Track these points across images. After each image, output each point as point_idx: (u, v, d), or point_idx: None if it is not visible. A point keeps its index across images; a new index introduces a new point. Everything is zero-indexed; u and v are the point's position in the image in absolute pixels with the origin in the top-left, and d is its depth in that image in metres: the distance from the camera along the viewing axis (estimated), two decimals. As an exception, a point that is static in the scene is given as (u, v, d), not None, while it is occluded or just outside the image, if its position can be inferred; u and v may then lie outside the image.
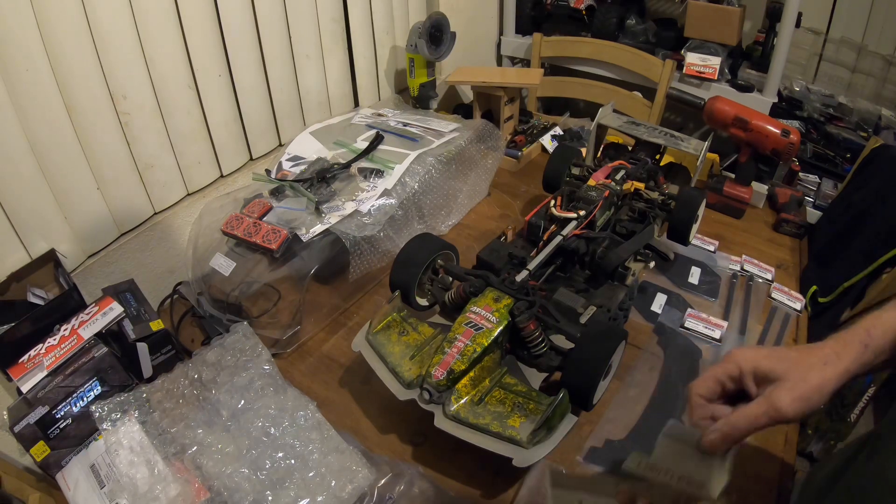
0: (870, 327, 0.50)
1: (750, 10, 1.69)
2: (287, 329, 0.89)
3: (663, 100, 1.65)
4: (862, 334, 0.50)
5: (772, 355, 0.51)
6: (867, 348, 0.49)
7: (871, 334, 0.50)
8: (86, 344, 0.75)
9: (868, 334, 0.50)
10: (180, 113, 0.99)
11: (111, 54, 0.86)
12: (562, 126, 1.54)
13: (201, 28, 0.98)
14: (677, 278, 1.04)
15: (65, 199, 0.86)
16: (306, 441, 0.69)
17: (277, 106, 1.19)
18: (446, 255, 0.89)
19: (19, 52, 0.75)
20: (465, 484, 0.72)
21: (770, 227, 1.23)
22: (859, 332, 0.50)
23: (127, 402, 0.71)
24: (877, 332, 0.50)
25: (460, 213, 1.21)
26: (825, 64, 1.82)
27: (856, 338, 0.50)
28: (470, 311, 0.74)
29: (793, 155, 1.18)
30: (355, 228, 0.94)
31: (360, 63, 1.36)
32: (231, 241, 0.93)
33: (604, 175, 1.01)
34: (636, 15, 1.80)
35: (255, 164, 1.18)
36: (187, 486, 0.65)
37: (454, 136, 1.18)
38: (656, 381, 0.85)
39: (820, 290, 1.05)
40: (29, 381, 0.72)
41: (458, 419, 0.68)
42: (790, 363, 0.50)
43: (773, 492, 0.71)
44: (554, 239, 0.88)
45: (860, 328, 0.51)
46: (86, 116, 0.85)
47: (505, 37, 1.94)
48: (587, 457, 0.74)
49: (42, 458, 0.69)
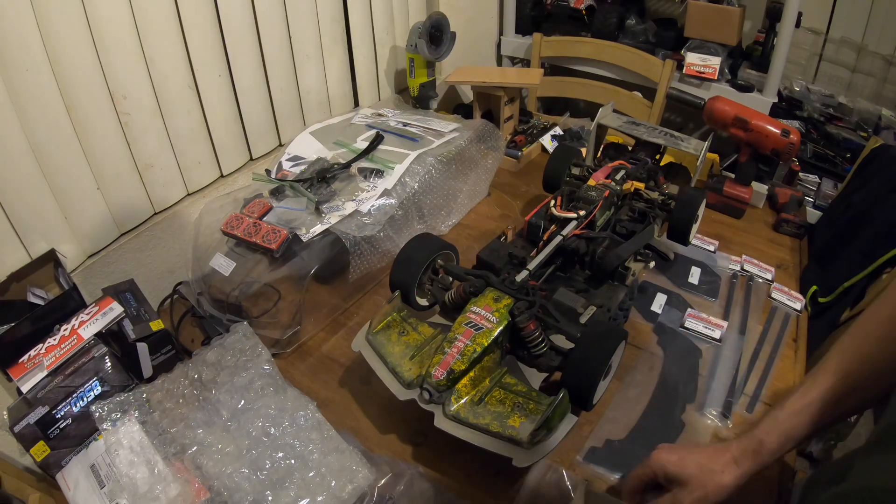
0: (763, 436, 0.58)
1: (750, 10, 1.69)
2: (287, 329, 0.89)
3: (663, 100, 1.65)
4: (755, 444, 0.58)
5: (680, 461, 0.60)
6: (759, 455, 0.58)
7: (765, 443, 0.58)
8: (86, 344, 0.75)
9: (761, 444, 0.58)
10: (180, 113, 0.99)
11: (111, 54, 0.86)
12: (562, 126, 1.54)
13: (201, 28, 0.98)
14: (677, 278, 1.04)
15: (65, 199, 0.86)
16: (306, 441, 0.69)
17: (277, 106, 1.19)
18: (446, 255, 0.89)
19: (19, 52, 0.75)
20: (465, 484, 0.72)
21: (770, 227, 1.23)
22: (753, 441, 0.58)
23: (127, 402, 0.71)
24: (770, 438, 0.58)
25: (460, 213, 1.21)
26: (825, 64, 1.82)
27: (750, 447, 0.58)
28: (470, 311, 0.74)
29: (793, 155, 1.18)
30: (355, 228, 0.94)
31: (360, 63, 1.36)
32: (231, 241, 0.93)
33: (604, 175, 1.01)
34: (636, 15, 1.80)
35: (255, 164, 1.18)
36: (187, 486, 0.65)
37: (454, 136, 1.18)
38: (656, 381, 0.85)
39: (820, 290, 1.05)
40: (29, 381, 0.72)
41: (458, 419, 0.68)
42: (694, 469, 0.59)
43: (773, 492, 0.71)
44: (554, 239, 0.88)
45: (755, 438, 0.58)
46: (86, 116, 0.85)
47: (505, 37, 1.94)
48: (587, 457, 0.74)
49: (42, 458, 0.69)
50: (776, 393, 0.84)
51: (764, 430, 0.58)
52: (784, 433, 0.57)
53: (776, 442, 0.57)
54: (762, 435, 0.58)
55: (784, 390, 0.84)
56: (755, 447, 0.58)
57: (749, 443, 0.59)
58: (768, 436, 0.58)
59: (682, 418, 0.80)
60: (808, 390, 0.58)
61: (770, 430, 0.58)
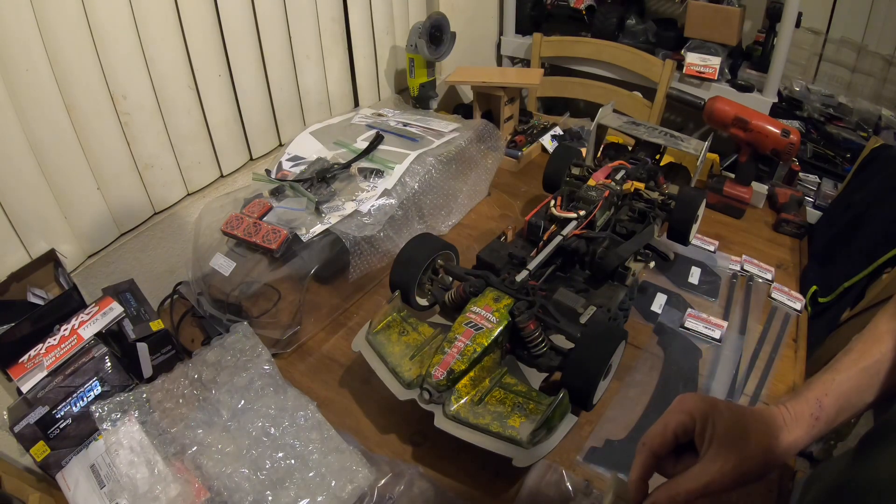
0: (822, 397, 0.49)
1: (750, 10, 1.69)
2: (287, 329, 0.89)
3: (663, 100, 1.65)
4: (814, 407, 0.49)
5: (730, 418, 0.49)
6: (818, 421, 0.49)
7: (823, 405, 0.49)
8: (86, 344, 0.75)
9: (820, 407, 0.49)
10: (180, 113, 0.99)
11: (111, 54, 0.86)
12: (562, 126, 1.54)
13: (201, 28, 0.98)
14: (677, 278, 1.04)
15: (65, 199, 0.86)
16: (306, 441, 0.69)
17: (277, 106, 1.19)
18: (446, 255, 0.89)
19: (19, 52, 0.75)
20: (465, 484, 0.72)
21: (770, 227, 1.22)
22: (811, 404, 0.49)
23: (127, 402, 0.71)
24: (829, 401, 0.49)
25: (460, 213, 1.21)
26: (825, 64, 1.82)
27: (807, 411, 0.49)
28: (470, 311, 0.74)
29: (793, 155, 1.18)
30: (355, 228, 0.94)
31: (360, 63, 1.36)
32: (231, 241, 0.93)
33: (604, 175, 1.01)
34: (636, 15, 1.80)
35: (255, 164, 1.18)
36: (187, 486, 0.65)
37: (454, 136, 1.18)
38: (656, 381, 0.85)
39: (820, 290, 1.05)
40: (29, 381, 0.72)
41: (458, 419, 0.68)
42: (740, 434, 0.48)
43: (773, 492, 0.71)
44: (554, 239, 0.88)
45: (813, 399, 0.49)
46: (86, 116, 0.85)
47: (505, 37, 1.94)
48: (587, 457, 0.74)
49: (42, 458, 0.69)
50: (776, 393, 0.84)
51: (821, 390, 0.49)
52: (842, 396, 0.49)
53: (834, 405, 0.49)
54: (820, 395, 0.49)
55: (784, 391, 0.84)
56: (814, 411, 0.48)
57: (807, 406, 0.49)
58: (826, 397, 0.49)
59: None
60: (862, 354, 0.50)
61: (828, 392, 0.49)
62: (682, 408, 0.50)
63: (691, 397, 0.50)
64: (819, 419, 0.48)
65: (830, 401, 0.49)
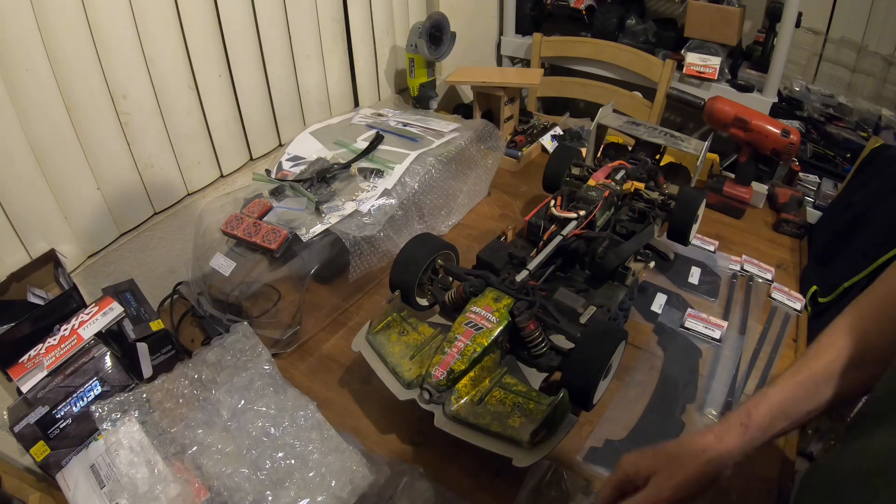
0: (752, 408, 0.54)
1: (750, 10, 1.69)
2: (287, 329, 0.89)
3: (663, 100, 1.65)
4: (742, 416, 0.54)
5: (653, 454, 0.55)
6: (748, 429, 0.53)
7: (752, 415, 0.54)
8: (86, 344, 0.75)
9: (748, 415, 0.54)
10: (180, 113, 0.99)
11: (111, 54, 0.86)
12: (562, 126, 1.54)
13: (201, 28, 0.98)
14: (677, 278, 1.04)
15: (65, 199, 0.86)
16: (306, 441, 0.69)
17: (277, 106, 1.19)
18: (446, 255, 0.89)
19: (19, 51, 0.75)
20: (465, 484, 0.72)
21: (770, 227, 1.23)
22: (741, 414, 0.54)
23: (127, 402, 0.71)
24: (759, 411, 0.54)
25: (460, 213, 1.21)
26: (825, 64, 1.82)
27: (737, 420, 0.54)
28: (470, 311, 0.74)
29: (793, 155, 1.18)
30: (355, 228, 0.94)
31: (360, 63, 1.36)
32: (231, 241, 0.93)
33: (604, 175, 1.01)
34: (636, 15, 1.80)
35: (255, 164, 1.18)
36: (187, 486, 0.65)
37: (454, 136, 1.18)
38: (656, 381, 0.85)
39: (820, 290, 1.04)
40: (29, 381, 0.72)
41: (458, 419, 0.68)
42: (668, 458, 0.54)
43: (773, 492, 0.71)
44: (554, 239, 0.88)
45: (742, 410, 0.55)
46: (86, 116, 0.85)
47: (505, 37, 1.94)
48: (587, 457, 0.74)
49: (42, 458, 0.69)
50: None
51: (753, 402, 0.55)
52: (775, 406, 0.54)
53: (766, 415, 0.54)
54: (750, 406, 0.55)
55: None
56: (742, 419, 0.54)
57: (736, 416, 0.55)
58: (756, 408, 0.54)
59: (682, 418, 0.80)
60: (800, 367, 0.55)
61: (759, 403, 0.54)
62: (617, 466, 0.57)
63: (626, 456, 0.57)
64: (749, 427, 0.53)
65: (762, 411, 0.54)
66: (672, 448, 0.55)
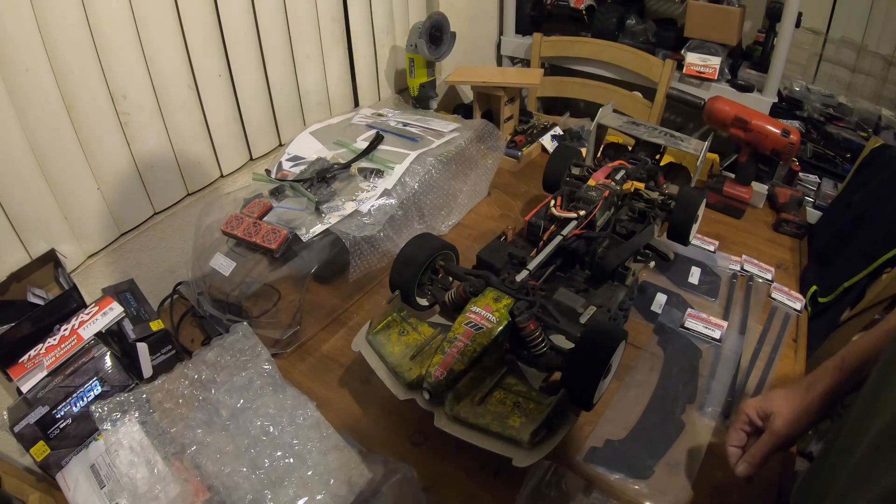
0: (845, 353, 0.61)
1: (750, 10, 1.69)
2: (287, 329, 0.89)
3: (663, 100, 1.65)
4: (837, 360, 0.61)
5: (766, 397, 0.65)
6: (842, 371, 0.60)
7: (845, 358, 0.61)
8: (86, 344, 0.75)
9: (842, 359, 0.61)
10: (180, 113, 0.99)
11: (111, 54, 0.86)
12: (562, 126, 1.54)
13: (201, 28, 0.98)
14: (677, 278, 1.04)
15: (65, 199, 0.86)
16: (305, 440, 0.69)
17: (277, 106, 1.19)
18: (446, 255, 0.89)
19: (19, 52, 0.75)
20: (465, 484, 0.72)
21: (770, 227, 1.23)
22: (836, 358, 0.62)
23: (127, 402, 0.71)
24: (851, 355, 0.61)
25: (460, 213, 1.21)
26: (825, 64, 1.82)
27: (832, 363, 0.62)
28: (470, 311, 0.74)
29: (793, 155, 1.18)
30: (355, 228, 0.94)
31: (360, 63, 1.36)
32: (231, 241, 0.93)
33: (604, 175, 1.01)
34: (636, 15, 1.80)
35: (255, 164, 1.18)
36: (187, 486, 0.64)
37: (454, 136, 1.18)
38: (656, 381, 0.85)
39: (820, 290, 1.05)
40: (29, 381, 0.73)
41: (458, 419, 0.68)
42: (779, 398, 0.63)
43: (774, 492, 0.71)
44: (554, 239, 0.88)
45: (837, 355, 0.62)
46: (86, 116, 0.85)
47: (505, 37, 1.94)
48: (587, 457, 0.74)
49: (42, 458, 0.69)
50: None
51: (846, 349, 0.61)
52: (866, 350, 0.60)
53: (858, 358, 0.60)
54: (843, 352, 0.61)
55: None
56: (836, 363, 0.61)
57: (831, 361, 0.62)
58: (848, 353, 0.61)
59: (682, 418, 0.80)
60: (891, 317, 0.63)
61: (850, 349, 0.61)
62: (739, 410, 0.67)
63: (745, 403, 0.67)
64: (842, 369, 0.61)
65: (853, 355, 0.61)
66: (781, 391, 0.64)
